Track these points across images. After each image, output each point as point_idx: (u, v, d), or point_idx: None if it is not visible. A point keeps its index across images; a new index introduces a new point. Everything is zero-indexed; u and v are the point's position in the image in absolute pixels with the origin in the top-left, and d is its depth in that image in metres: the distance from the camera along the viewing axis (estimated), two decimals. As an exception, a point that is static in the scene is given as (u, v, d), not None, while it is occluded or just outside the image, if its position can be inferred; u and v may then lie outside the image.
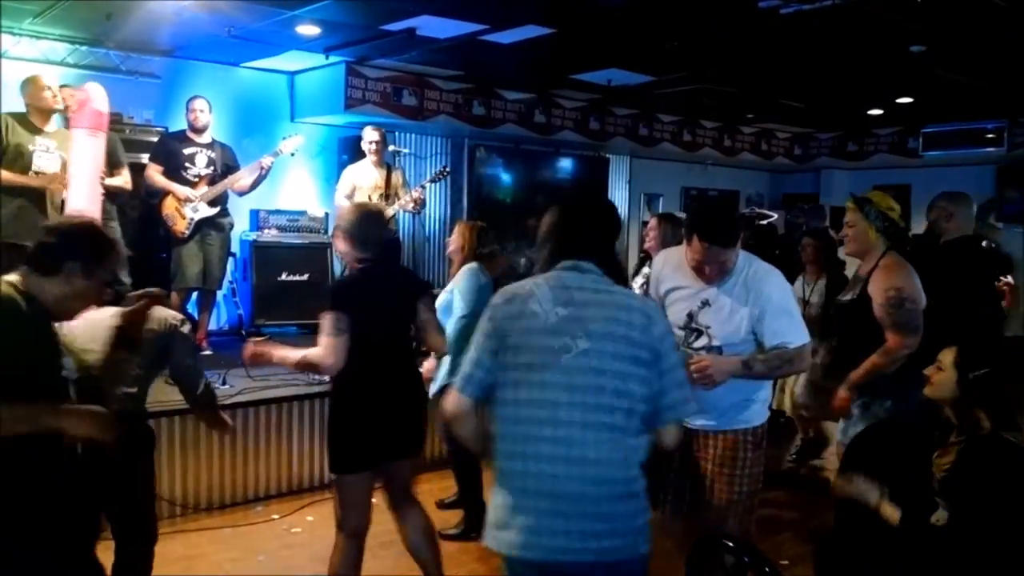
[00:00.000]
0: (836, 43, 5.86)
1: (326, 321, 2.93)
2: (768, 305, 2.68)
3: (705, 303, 2.76)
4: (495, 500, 2.06)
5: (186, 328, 3.11)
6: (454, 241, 4.28)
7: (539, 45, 6.13)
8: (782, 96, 8.22)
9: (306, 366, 3.14)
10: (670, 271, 2.90)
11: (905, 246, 3.55)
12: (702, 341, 2.75)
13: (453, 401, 2.11)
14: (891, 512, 2.49)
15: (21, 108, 5.03)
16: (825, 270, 5.29)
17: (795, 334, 2.71)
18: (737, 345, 2.71)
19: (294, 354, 3.09)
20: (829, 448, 4.94)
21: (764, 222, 9.30)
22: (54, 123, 5.11)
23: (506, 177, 9.02)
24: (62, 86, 5.21)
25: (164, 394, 4.59)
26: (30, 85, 4.98)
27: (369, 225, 3.18)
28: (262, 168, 5.77)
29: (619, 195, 10.05)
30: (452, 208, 8.47)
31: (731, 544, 2.61)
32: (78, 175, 4.74)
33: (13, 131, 4.82)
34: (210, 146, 5.77)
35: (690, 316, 2.77)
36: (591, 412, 1.97)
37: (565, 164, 9.39)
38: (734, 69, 6.93)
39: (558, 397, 1.97)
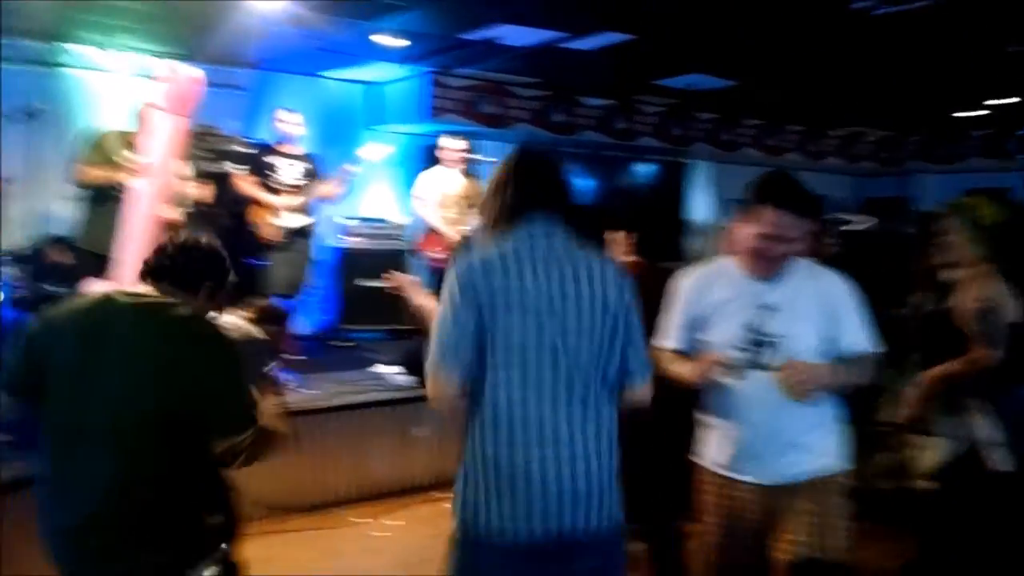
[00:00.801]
0: (930, 43, 5.63)
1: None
2: (842, 304, 2.37)
3: (767, 307, 2.33)
4: (472, 485, 1.92)
5: (262, 340, 3.17)
6: None
7: (619, 51, 6.08)
8: (872, 99, 7.96)
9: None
10: (706, 285, 2.46)
11: (1001, 254, 3.37)
12: (774, 356, 2.30)
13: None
14: None
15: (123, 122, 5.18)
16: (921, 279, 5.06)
17: (873, 338, 2.38)
18: (810, 352, 2.32)
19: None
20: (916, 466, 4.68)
21: (855, 228, 8.98)
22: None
23: (585, 184, 8.97)
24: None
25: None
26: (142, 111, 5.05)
27: None
28: (347, 176, 5.86)
29: (700, 201, 9.89)
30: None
31: None
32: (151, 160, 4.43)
33: (112, 142, 4.85)
34: (296, 156, 5.90)
35: (751, 328, 2.33)
36: (574, 387, 1.89)
37: (645, 170, 9.28)
38: (822, 72, 6.73)
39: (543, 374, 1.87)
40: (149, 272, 2.16)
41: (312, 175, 5.89)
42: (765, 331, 2.32)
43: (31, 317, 4.84)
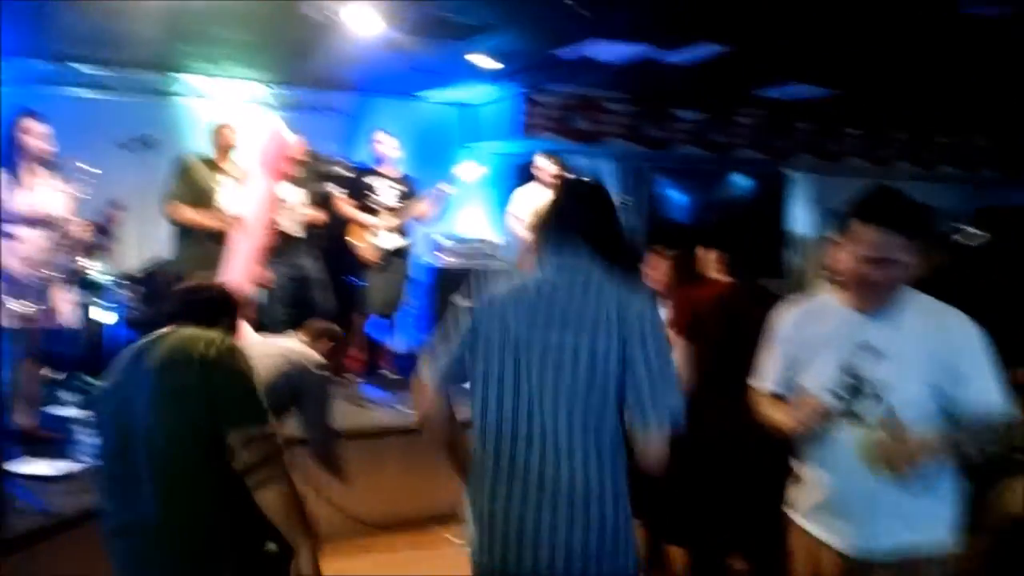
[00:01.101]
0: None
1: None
2: (965, 352, 1.96)
3: (868, 348, 2.00)
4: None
5: (323, 373, 3.23)
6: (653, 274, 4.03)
7: (714, 63, 5.97)
8: (987, 104, 7.55)
9: None
10: (804, 320, 2.18)
11: None
12: (874, 408, 1.97)
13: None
14: None
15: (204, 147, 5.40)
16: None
17: (1003, 396, 1.96)
18: (919, 409, 1.95)
19: None
20: None
21: (966, 241, 8.50)
22: (234, 160, 5.45)
23: (682, 199, 8.83)
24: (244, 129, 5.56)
25: (352, 416, 4.84)
26: (218, 135, 5.29)
27: None
28: (442, 196, 5.94)
29: (802, 213, 9.59)
30: (630, 232, 8.40)
31: None
32: (248, 215, 4.85)
33: (198, 171, 5.09)
34: (393, 177, 6.02)
35: (849, 370, 2.01)
36: (551, 421, 1.83)
37: (743, 183, 9.08)
38: (931, 78, 6.43)
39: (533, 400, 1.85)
40: (174, 315, 2.26)
41: (408, 196, 5.99)
42: (864, 376, 2.00)
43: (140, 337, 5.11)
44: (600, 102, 7.47)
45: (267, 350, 3.08)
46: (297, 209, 5.47)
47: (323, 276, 5.64)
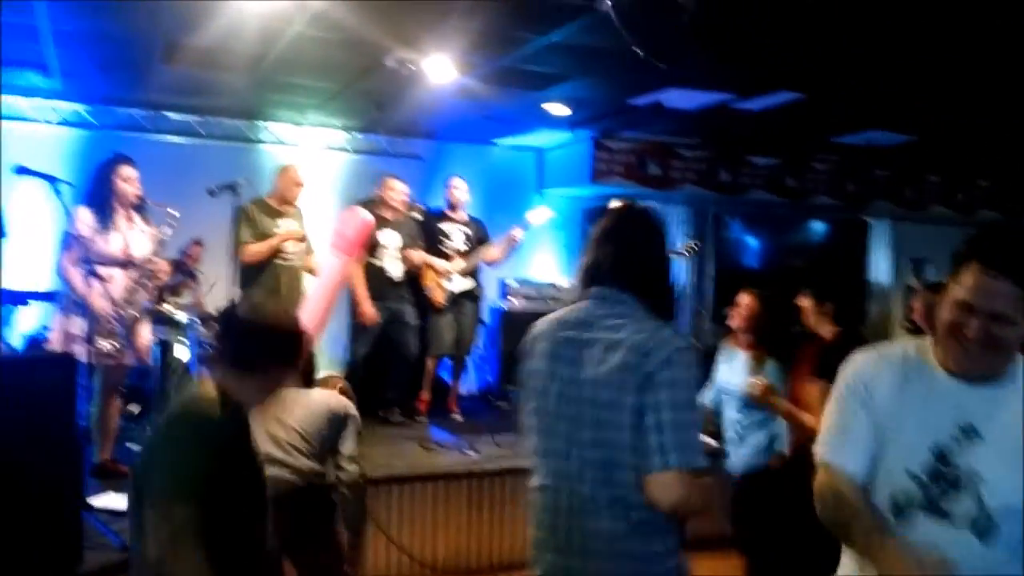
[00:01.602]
0: None
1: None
2: None
3: (969, 431, 1.57)
4: None
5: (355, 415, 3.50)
6: (740, 314, 3.93)
7: (790, 110, 5.91)
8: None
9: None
10: (888, 378, 1.67)
11: None
12: (965, 504, 1.55)
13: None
14: None
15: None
16: None
17: None
18: (1018, 512, 1.53)
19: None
20: None
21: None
22: (296, 202, 5.52)
23: (753, 243, 8.72)
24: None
25: (421, 458, 4.87)
26: (284, 175, 5.44)
27: None
28: (512, 241, 5.99)
29: (881, 260, 9.34)
30: (697, 276, 8.32)
31: None
32: (312, 292, 5.05)
33: (259, 218, 5.22)
34: (465, 222, 6.11)
35: (940, 454, 1.58)
36: (579, 464, 1.82)
37: (818, 228, 8.91)
38: (1015, 123, 6.24)
39: (554, 446, 1.88)
40: (210, 361, 2.18)
41: (478, 240, 6.07)
42: (957, 463, 1.56)
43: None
44: (672, 147, 7.47)
45: (311, 399, 3.38)
46: (397, 253, 5.65)
47: (417, 321, 5.78)
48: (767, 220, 8.73)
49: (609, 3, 3.25)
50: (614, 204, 6.26)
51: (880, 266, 9.30)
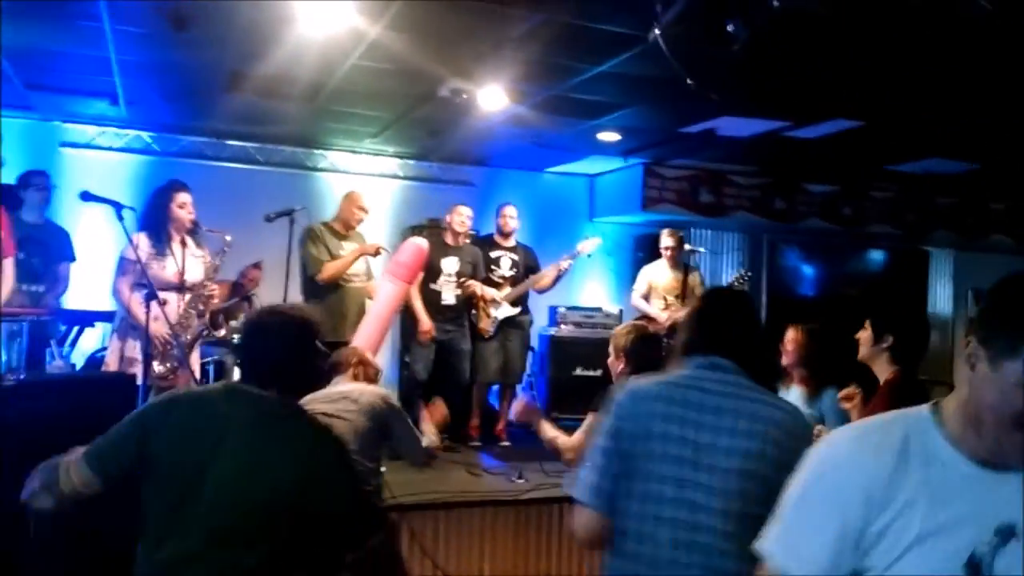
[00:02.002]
0: None
1: (590, 419, 2.98)
2: None
3: (1007, 533, 1.19)
4: None
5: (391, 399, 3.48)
6: (788, 351, 3.85)
7: (847, 138, 5.84)
8: None
9: (552, 447, 3.26)
10: (889, 462, 1.25)
11: None
12: None
13: (579, 516, 1.90)
14: None
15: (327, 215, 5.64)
16: None
17: None
18: None
19: (551, 432, 3.26)
20: None
21: None
22: (359, 230, 5.63)
23: (808, 272, 8.58)
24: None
25: (468, 484, 4.88)
26: (347, 200, 5.54)
27: (646, 348, 3.20)
28: (561, 269, 6.00)
29: (941, 291, 9.11)
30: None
31: None
32: (368, 315, 5.15)
33: (326, 239, 5.32)
34: (514, 249, 6.13)
35: (973, 564, 1.18)
36: (712, 535, 1.74)
37: (876, 257, 8.74)
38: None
39: (678, 513, 1.77)
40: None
41: (527, 267, 6.09)
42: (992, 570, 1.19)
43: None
44: (725, 175, 7.42)
45: (336, 402, 3.34)
46: (454, 279, 5.71)
47: (469, 347, 5.82)
48: (823, 249, 8.59)
49: (658, 33, 3.26)
50: (664, 236, 6.24)
51: (940, 297, 9.07)
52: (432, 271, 5.67)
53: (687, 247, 6.63)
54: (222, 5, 3.83)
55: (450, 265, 5.78)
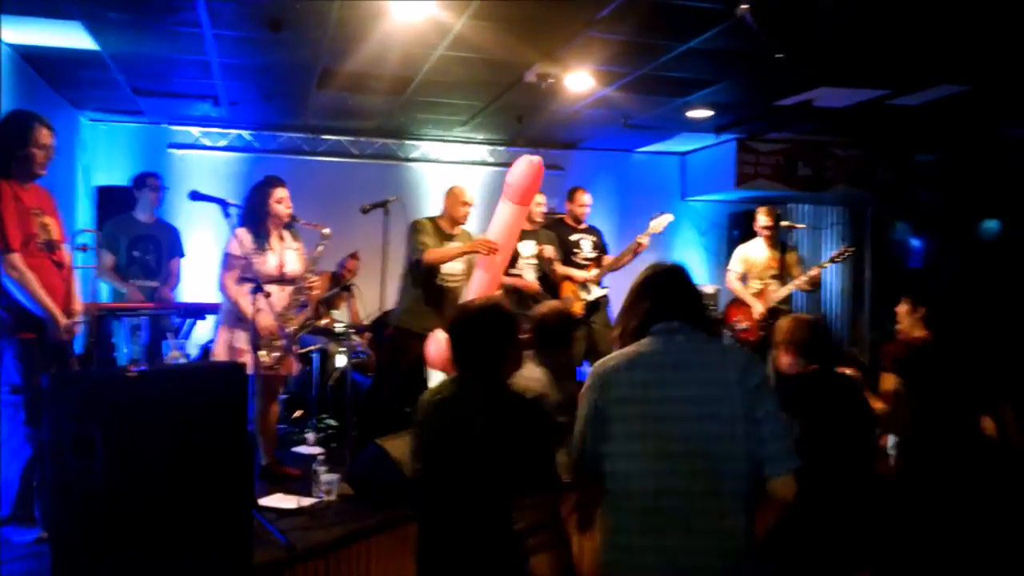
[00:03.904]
0: None
1: None
2: None
3: None
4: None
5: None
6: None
7: (954, 103, 5.56)
8: None
9: None
10: None
11: None
12: None
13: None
14: None
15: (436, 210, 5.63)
16: None
17: None
18: None
19: None
20: None
21: None
22: (463, 224, 5.63)
23: (916, 244, 8.21)
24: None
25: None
26: (451, 195, 5.45)
27: (819, 336, 3.14)
28: (639, 247, 5.92)
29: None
30: (853, 281, 7.92)
31: None
32: (493, 235, 5.06)
33: (429, 234, 5.09)
34: (588, 230, 6.09)
35: None
36: (695, 479, 1.89)
37: (991, 226, 8.29)
38: None
39: (656, 465, 1.93)
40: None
41: (601, 248, 6.05)
42: None
43: (366, 380, 5.51)
44: (824, 146, 7.17)
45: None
46: (533, 260, 5.71)
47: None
48: (934, 219, 8.19)
49: (746, 8, 3.18)
50: (760, 215, 6.05)
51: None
52: (512, 257, 5.66)
53: (784, 224, 6.45)
54: (314, 6, 3.95)
55: (527, 248, 5.77)
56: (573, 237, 6.07)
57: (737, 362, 1.96)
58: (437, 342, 4.65)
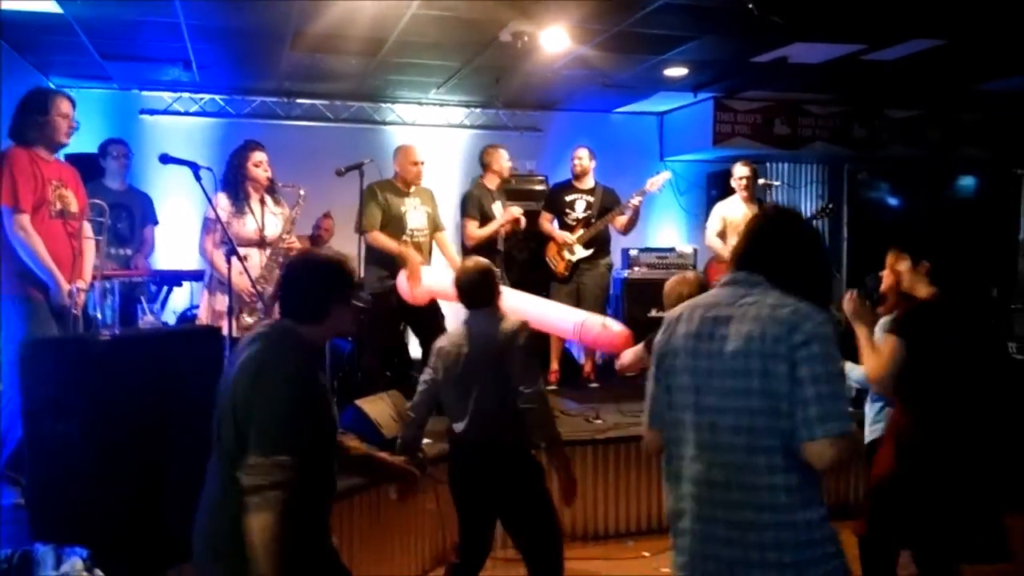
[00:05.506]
0: None
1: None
2: None
3: None
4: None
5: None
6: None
7: (929, 58, 5.56)
8: None
9: None
10: None
11: None
12: None
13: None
14: None
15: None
16: None
17: None
18: None
19: None
20: None
21: None
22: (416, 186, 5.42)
23: (893, 202, 8.26)
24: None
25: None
26: (401, 154, 5.28)
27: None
28: (632, 207, 5.94)
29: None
30: (830, 238, 7.96)
31: None
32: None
33: (385, 198, 5.11)
34: (590, 191, 6.08)
35: None
36: (729, 433, 1.86)
37: (967, 183, 8.34)
38: None
39: (699, 417, 1.91)
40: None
41: (604, 207, 6.04)
42: None
43: (346, 343, 5.49)
44: (800, 104, 7.17)
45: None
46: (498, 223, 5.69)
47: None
48: (909, 177, 8.23)
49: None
50: (738, 167, 6.11)
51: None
52: (485, 218, 5.63)
53: (762, 181, 6.46)
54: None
55: (498, 209, 5.76)
56: (569, 197, 6.10)
57: (783, 320, 1.83)
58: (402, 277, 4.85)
